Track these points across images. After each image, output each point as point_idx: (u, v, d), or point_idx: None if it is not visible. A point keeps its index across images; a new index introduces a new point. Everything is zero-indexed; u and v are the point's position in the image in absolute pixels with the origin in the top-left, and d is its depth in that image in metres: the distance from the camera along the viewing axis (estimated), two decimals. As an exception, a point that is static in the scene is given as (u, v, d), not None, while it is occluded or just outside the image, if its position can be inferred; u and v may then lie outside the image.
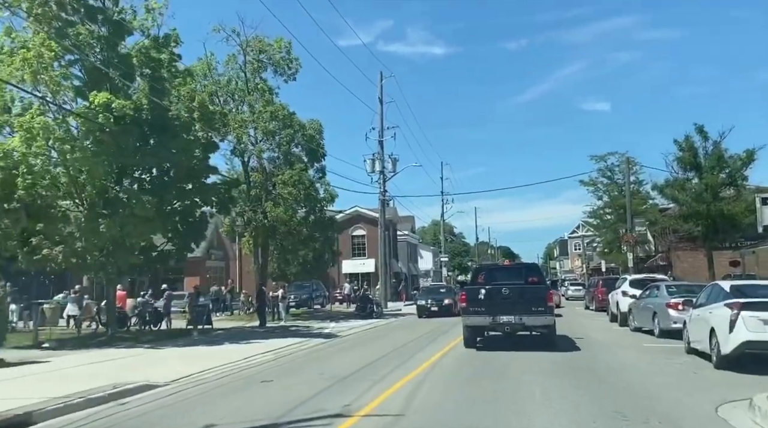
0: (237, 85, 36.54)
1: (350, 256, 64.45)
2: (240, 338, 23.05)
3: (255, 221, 32.90)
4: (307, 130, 35.80)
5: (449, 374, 12.66)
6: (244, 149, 33.74)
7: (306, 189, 33.20)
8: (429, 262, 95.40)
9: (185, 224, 23.49)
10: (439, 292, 37.25)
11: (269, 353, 18.13)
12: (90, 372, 14.13)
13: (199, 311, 26.54)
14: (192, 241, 24.06)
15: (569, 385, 10.86)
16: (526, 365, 13.58)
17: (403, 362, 14.87)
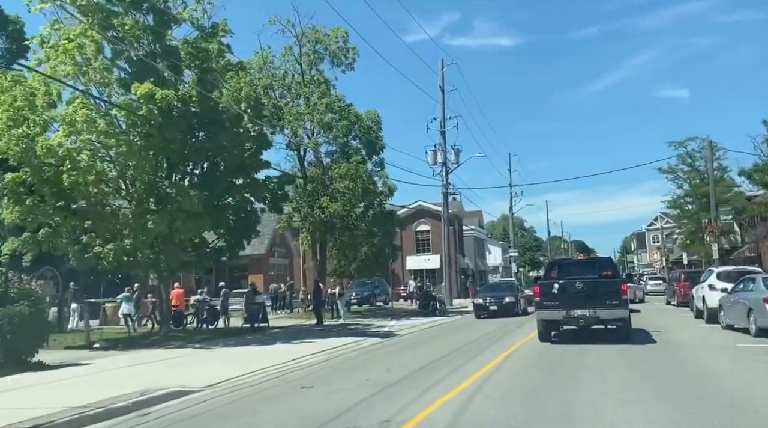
0: (294, 78, 35.92)
1: (414, 252, 63.32)
2: (294, 337, 22.29)
3: (311, 217, 32.15)
4: (365, 121, 34.83)
5: (510, 382, 11.34)
6: (300, 143, 33.01)
7: (364, 183, 32.21)
8: (498, 257, 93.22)
9: (237, 221, 22.86)
10: (499, 289, 33.63)
11: (320, 353, 17.23)
12: (127, 375, 13.51)
13: (255, 310, 25.96)
14: (244, 238, 23.41)
15: (664, 404, 9.38)
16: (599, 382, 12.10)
17: (461, 365, 13.64)
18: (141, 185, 20.09)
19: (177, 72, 21.46)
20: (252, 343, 20.46)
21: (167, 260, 20.76)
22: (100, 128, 18.13)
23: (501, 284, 39.40)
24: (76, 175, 18.31)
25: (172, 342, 20.95)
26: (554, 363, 13.62)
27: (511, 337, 20.20)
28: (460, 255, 66.50)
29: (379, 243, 35.55)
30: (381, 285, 45.00)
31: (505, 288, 33.71)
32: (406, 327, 26.82)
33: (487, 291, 33.68)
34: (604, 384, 10.51)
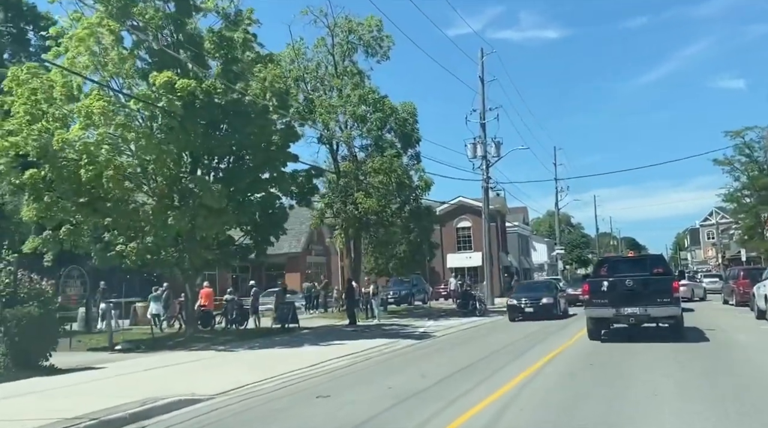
0: (327, 70, 35.20)
1: (455, 249, 62.14)
2: (324, 338, 21.54)
3: (344, 213, 31.37)
4: (400, 113, 33.88)
5: (547, 391, 10.29)
6: (332, 136, 32.26)
7: (398, 177, 31.26)
8: (543, 255, 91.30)
9: (263, 217, 22.21)
10: (536, 289, 30.98)
11: (346, 357, 16.44)
12: (137, 380, 12.90)
13: (285, 310, 25.33)
14: (271, 234, 22.76)
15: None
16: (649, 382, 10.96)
17: (499, 369, 12.67)
18: (163, 180, 19.56)
19: (200, 63, 20.90)
20: (278, 345, 19.77)
21: (190, 258, 20.21)
22: (118, 120, 17.60)
23: (538, 283, 37.01)
24: (94, 170, 17.85)
25: (196, 343, 20.40)
26: (603, 362, 13.41)
27: (556, 338, 19.15)
28: (503, 253, 65.04)
29: (416, 240, 34.57)
30: (419, 284, 44.05)
31: (543, 288, 31.15)
32: (442, 328, 25.86)
33: (522, 291, 30.82)
34: (654, 385, 9.79)
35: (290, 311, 25.27)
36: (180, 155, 19.65)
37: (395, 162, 31.62)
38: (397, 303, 40.92)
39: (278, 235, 23.42)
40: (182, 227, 19.03)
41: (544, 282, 36.34)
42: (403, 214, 33.95)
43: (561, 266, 77.36)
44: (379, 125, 32.56)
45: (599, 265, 19.90)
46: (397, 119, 33.60)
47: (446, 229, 62.92)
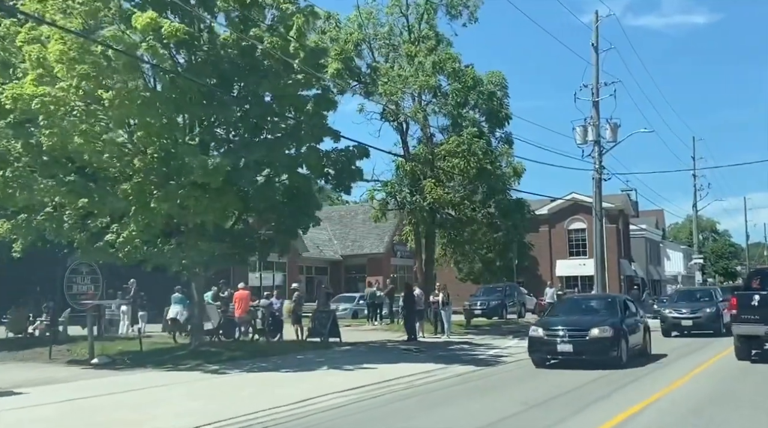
0: (402, 36, 31.62)
1: (566, 255, 56.88)
2: (357, 359, 18.05)
3: (409, 204, 27.67)
4: (485, 85, 29.80)
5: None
6: (398, 112, 28.62)
7: (479, 161, 27.20)
8: (678, 264, 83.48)
9: (289, 202, 18.95)
10: (695, 298, 28.53)
11: (357, 390, 13.04)
12: (23, 421, 9.92)
13: (322, 319, 22.03)
14: (298, 225, 19.47)
15: None
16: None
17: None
18: (154, 152, 16.68)
19: (208, 7, 17.96)
20: (290, 367, 16.46)
21: (186, 252, 17.24)
22: (80, 70, 14.80)
23: (699, 290, 32.54)
24: (56, 135, 15.19)
25: (193, 359, 17.43)
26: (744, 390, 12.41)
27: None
28: (626, 260, 59.06)
29: (504, 240, 30.37)
30: (514, 293, 39.56)
31: (704, 296, 28.68)
32: (522, 350, 21.71)
33: (677, 301, 28.98)
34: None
35: (328, 321, 21.88)
36: (173, 120, 16.69)
37: (475, 143, 27.57)
38: (487, 316, 36.74)
39: (307, 226, 20.11)
40: (168, 211, 16.05)
41: (705, 290, 32.43)
42: (488, 208, 29.87)
43: (699, 278, 69.89)
44: (457, 98, 28.62)
45: (751, 277, 19.56)
46: (482, 92, 29.54)
47: (556, 231, 57.88)
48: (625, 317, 17.26)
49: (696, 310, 26.29)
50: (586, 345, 16.06)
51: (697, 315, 26.04)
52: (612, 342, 16.06)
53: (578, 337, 16.13)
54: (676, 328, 26.36)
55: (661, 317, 27.40)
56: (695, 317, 26.02)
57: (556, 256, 57.05)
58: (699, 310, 26.23)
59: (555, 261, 56.80)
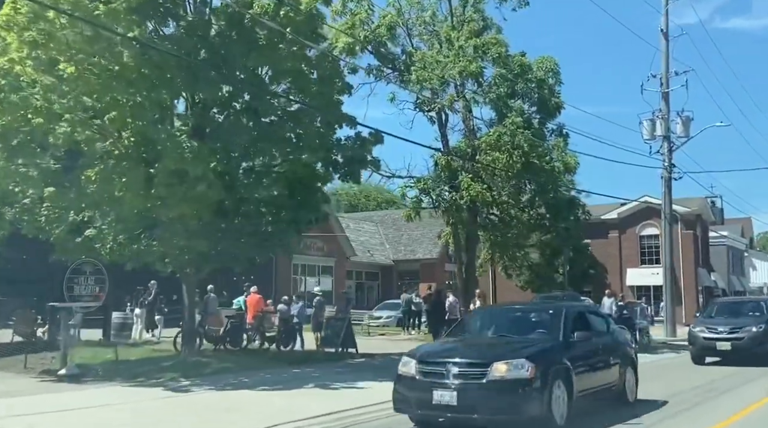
0: (446, 21, 29.10)
1: (637, 263, 52.78)
2: (360, 375, 15.68)
3: (445, 202, 25.08)
4: (535, 72, 26.98)
5: None
6: (433, 100, 26.08)
7: (524, 155, 24.40)
8: (766, 275, 77.65)
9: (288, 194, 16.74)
10: (743, 312, 20.95)
11: (319, 419, 10.58)
12: None
13: (336, 328, 19.72)
14: (301, 220, 17.22)
15: None
16: None
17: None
18: (130, 136, 14.79)
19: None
20: (269, 384, 14.18)
21: (166, 249, 15.26)
22: (27, 36, 13.00)
23: (746, 302, 25.74)
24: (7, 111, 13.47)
25: (172, 372, 15.37)
26: None
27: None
28: (704, 269, 54.54)
29: (555, 243, 27.42)
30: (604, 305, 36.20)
31: (752, 309, 21.09)
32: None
33: (714, 315, 21.20)
34: None
35: (342, 329, 19.54)
36: (151, 100, 14.74)
37: (520, 135, 24.77)
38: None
39: (312, 221, 17.84)
40: (133, 202, 14.09)
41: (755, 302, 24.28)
42: (537, 207, 27.02)
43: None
44: (501, 86, 25.90)
45: None
46: (530, 79, 26.74)
47: (626, 237, 53.88)
48: (572, 343, 10.30)
49: (737, 328, 19.29)
50: (481, 395, 9.16)
51: (738, 336, 19.04)
52: (530, 389, 9.06)
53: (471, 378, 9.26)
54: (709, 352, 19.60)
55: (690, 337, 20.42)
56: (735, 339, 19.02)
57: (626, 264, 53.10)
58: (741, 328, 19.23)
59: (625, 269, 52.89)
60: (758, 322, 19.51)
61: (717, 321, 20.21)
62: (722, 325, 19.65)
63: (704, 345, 19.49)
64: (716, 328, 19.55)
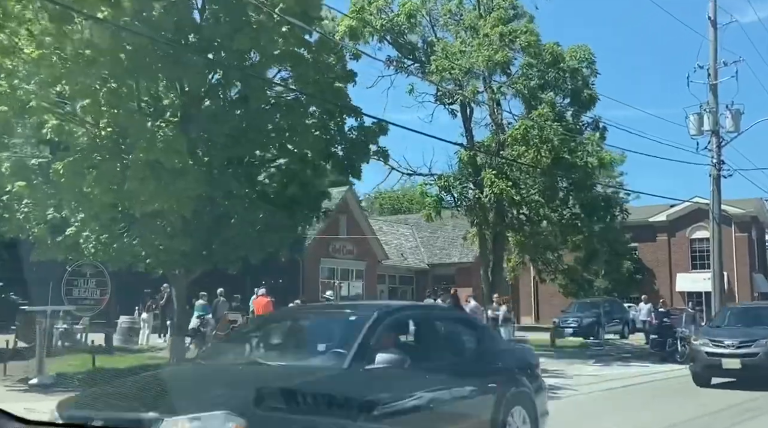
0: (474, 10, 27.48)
1: (688, 268, 50.18)
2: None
3: (468, 201, 23.44)
4: (568, 61, 25.21)
5: None
6: (455, 92, 24.48)
7: (554, 149, 22.65)
8: (830, 282, 73.36)
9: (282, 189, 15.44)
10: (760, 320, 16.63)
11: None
12: None
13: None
14: (296, 219, 15.89)
15: None
16: None
17: None
18: (107, 126, 13.67)
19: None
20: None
21: (144, 249, 14.10)
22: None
23: (762, 308, 20.67)
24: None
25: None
26: None
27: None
28: (760, 274, 51.54)
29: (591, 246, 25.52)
30: (615, 310, 34.14)
31: None
32: (597, 381, 17.29)
33: (723, 325, 17.09)
34: None
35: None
36: (125, 85, 13.61)
37: (549, 128, 23.02)
38: (582, 335, 31.71)
39: (311, 220, 16.52)
40: (101, 197, 12.94)
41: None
42: (570, 207, 25.21)
43: None
44: (529, 75, 24.20)
45: None
46: (563, 69, 25.00)
47: (676, 240, 51.35)
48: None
49: (749, 341, 14.98)
50: None
51: (751, 351, 14.75)
52: None
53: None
54: (715, 371, 15.41)
55: (691, 352, 16.55)
56: (746, 355, 14.72)
57: (676, 269, 50.60)
58: (755, 341, 14.91)
59: (675, 275, 50.36)
60: None
61: (725, 332, 16.08)
62: (731, 337, 15.35)
63: (707, 363, 15.18)
64: (722, 341, 15.23)
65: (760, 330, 15.37)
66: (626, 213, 27.22)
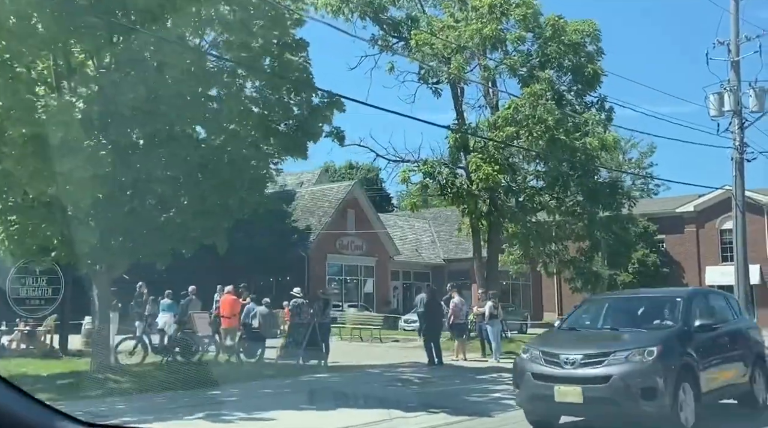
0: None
1: (718, 260, 46.58)
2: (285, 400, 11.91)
3: (452, 187, 20.88)
4: (570, 35, 22.49)
5: None
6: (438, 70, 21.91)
7: (547, 131, 19.99)
8: None
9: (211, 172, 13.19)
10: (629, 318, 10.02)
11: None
12: None
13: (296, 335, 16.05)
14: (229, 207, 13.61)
15: None
16: None
17: None
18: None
19: None
20: (148, 412, 10.64)
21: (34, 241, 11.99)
22: None
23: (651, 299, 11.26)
24: None
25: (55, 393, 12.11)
26: None
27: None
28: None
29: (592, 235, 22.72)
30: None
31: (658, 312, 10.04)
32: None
33: (592, 323, 10.33)
34: None
35: (304, 338, 15.80)
36: (8, 51, 11.49)
37: (542, 108, 20.36)
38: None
39: (256, 202, 14.18)
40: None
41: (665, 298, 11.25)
42: (573, 193, 22.51)
43: None
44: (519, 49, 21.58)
45: None
46: (563, 44, 22.29)
47: (705, 231, 47.74)
48: None
49: (598, 356, 8.58)
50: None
51: (600, 374, 8.40)
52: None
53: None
54: (546, 406, 8.87)
55: (515, 373, 9.43)
56: (591, 379, 8.40)
57: (705, 262, 47.06)
58: (607, 356, 8.50)
59: (704, 268, 46.83)
60: (651, 341, 8.72)
61: (569, 339, 9.83)
62: (573, 348, 8.96)
63: (534, 392, 8.81)
64: (558, 354, 8.77)
65: (628, 335, 9.22)
66: (634, 201, 24.36)
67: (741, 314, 11.24)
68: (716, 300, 11.11)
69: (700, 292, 13.00)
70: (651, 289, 18.03)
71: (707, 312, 9.80)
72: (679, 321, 9.27)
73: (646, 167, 65.37)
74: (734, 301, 11.80)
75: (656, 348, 8.35)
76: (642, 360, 8.27)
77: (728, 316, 10.70)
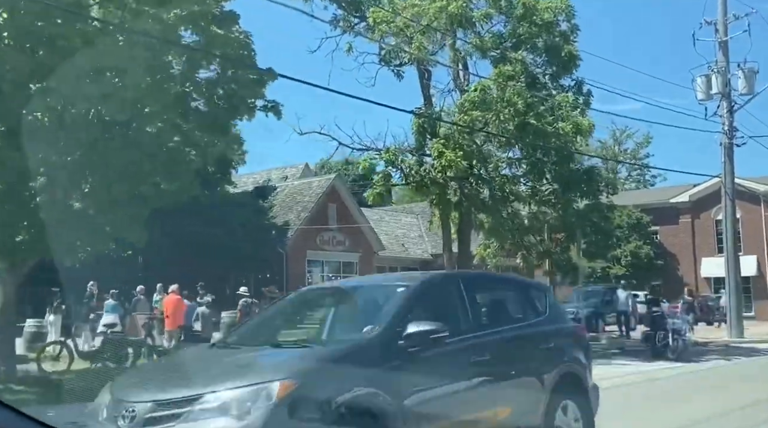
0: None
1: (714, 252, 44.72)
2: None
3: (415, 175, 19.29)
4: (542, 14, 20.87)
5: None
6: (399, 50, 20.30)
7: (517, 115, 18.38)
8: None
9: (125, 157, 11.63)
10: None
11: None
12: None
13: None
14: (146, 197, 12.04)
15: None
16: None
17: None
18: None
19: None
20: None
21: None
22: None
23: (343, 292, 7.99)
24: None
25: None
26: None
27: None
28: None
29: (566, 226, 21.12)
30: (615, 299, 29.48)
31: None
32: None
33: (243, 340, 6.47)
34: None
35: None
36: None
37: (512, 90, 18.73)
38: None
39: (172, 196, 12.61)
40: None
41: None
42: (545, 182, 20.90)
43: None
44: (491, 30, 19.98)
45: None
46: (535, 23, 20.69)
47: (700, 222, 45.91)
48: None
49: (181, 402, 4.56)
50: None
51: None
52: None
53: None
54: None
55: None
56: None
57: (701, 253, 45.30)
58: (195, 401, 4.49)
59: (700, 259, 45.12)
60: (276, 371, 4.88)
61: (174, 368, 6.13)
62: (151, 386, 5.09)
63: None
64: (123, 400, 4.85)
65: (265, 357, 5.69)
66: (611, 189, 22.74)
67: (551, 311, 7.13)
68: (488, 290, 7.22)
69: (450, 277, 7.79)
70: (388, 275, 14.41)
71: (449, 310, 6.03)
72: (382, 327, 5.42)
73: (642, 158, 63.71)
74: (539, 292, 7.62)
75: (279, 383, 4.51)
76: (249, 410, 4.38)
77: (520, 314, 6.98)
